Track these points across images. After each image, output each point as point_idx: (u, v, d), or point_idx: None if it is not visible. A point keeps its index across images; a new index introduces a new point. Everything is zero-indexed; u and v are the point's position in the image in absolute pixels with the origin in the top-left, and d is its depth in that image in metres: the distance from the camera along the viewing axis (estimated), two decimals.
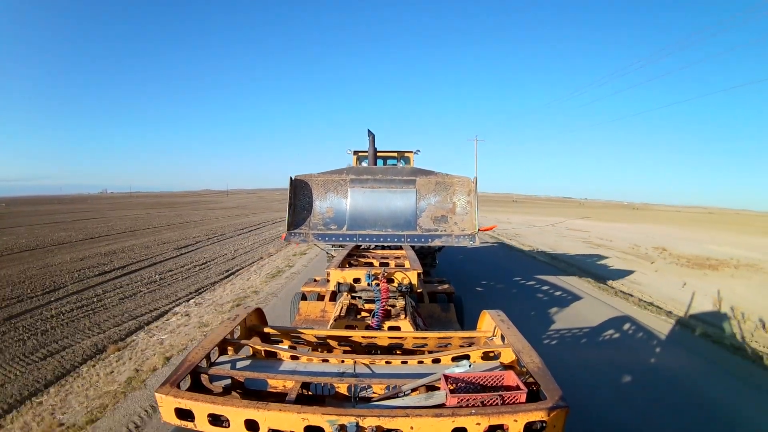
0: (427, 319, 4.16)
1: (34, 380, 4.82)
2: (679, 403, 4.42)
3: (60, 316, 7.32)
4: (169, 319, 7.22)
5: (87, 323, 6.92)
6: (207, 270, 11.62)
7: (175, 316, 7.41)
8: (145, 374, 4.97)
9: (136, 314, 7.41)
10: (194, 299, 8.52)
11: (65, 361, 5.39)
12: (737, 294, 9.95)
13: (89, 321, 7.04)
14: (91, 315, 7.39)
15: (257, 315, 2.92)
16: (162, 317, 7.35)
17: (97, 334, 6.42)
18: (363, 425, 1.54)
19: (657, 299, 8.93)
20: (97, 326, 6.77)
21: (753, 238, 24.31)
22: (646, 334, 6.61)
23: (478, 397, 1.68)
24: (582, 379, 4.85)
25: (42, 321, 7.04)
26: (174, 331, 6.61)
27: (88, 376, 4.97)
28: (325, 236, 5.35)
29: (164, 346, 5.91)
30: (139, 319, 7.12)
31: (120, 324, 6.89)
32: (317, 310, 4.56)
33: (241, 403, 1.69)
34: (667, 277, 11.70)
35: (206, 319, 7.09)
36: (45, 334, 6.37)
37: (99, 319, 7.12)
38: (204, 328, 6.60)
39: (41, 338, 6.22)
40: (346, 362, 2.24)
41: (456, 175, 5.56)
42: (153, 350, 5.76)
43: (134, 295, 8.82)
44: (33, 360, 5.40)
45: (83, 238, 19.40)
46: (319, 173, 5.61)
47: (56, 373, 5.02)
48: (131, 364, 5.29)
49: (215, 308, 7.80)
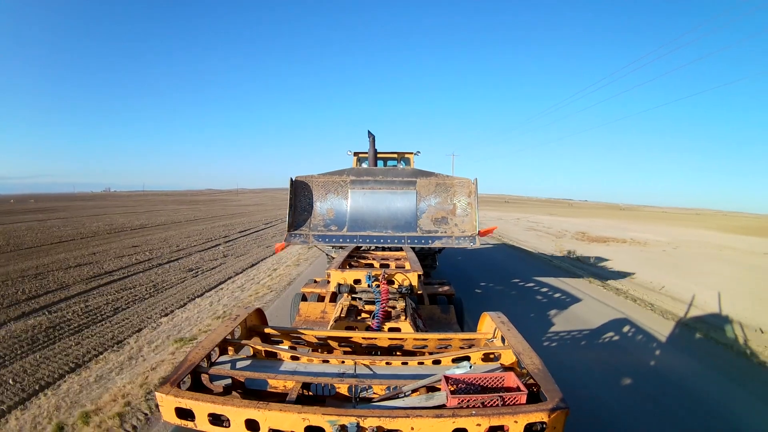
0: (427, 321, 4.16)
1: (206, 285, 9.82)
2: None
3: (205, 261, 13.08)
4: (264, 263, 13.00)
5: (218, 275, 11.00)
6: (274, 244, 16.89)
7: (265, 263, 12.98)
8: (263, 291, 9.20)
9: (237, 269, 11.77)
10: (271, 259, 13.54)
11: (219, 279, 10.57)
12: (588, 250, 16.15)
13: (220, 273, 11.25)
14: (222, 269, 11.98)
15: (257, 315, 2.92)
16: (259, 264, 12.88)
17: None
18: (364, 425, 1.54)
19: (529, 246, 17.47)
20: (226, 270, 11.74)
21: (677, 228, 31.34)
22: (505, 251, 16.32)
23: (479, 398, 1.68)
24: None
25: (199, 261, 13.05)
26: (267, 274, 11.19)
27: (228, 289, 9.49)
28: (326, 237, 5.35)
29: (261, 281, 10.22)
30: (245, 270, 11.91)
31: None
32: (317, 311, 4.56)
33: (242, 402, 1.69)
34: (547, 243, 18.83)
35: (281, 271, 11.33)
36: (198, 270, 11.56)
37: (225, 272, 11.40)
38: (290, 269, 11.51)
39: (200, 272, 11.31)
40: (346, 363, 2.24)
41: (456, 177, 5.57)
42: (259, 281, 10.28)
43: (242, 254, 14.45)
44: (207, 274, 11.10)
45: (166, 222, 27.76)
46: (319, 174, 5.62)
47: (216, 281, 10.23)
48: (251, 287, 9.70)
49: (290, 261, 12.81)
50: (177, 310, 7.72)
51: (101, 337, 6.30)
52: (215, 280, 10.27)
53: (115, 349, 5.83)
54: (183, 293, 8.93)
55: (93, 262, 12.30)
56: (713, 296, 9.12)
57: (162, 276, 10.62)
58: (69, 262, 12.11)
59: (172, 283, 9.82)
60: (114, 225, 24.31)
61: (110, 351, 5.78)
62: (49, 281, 9.78)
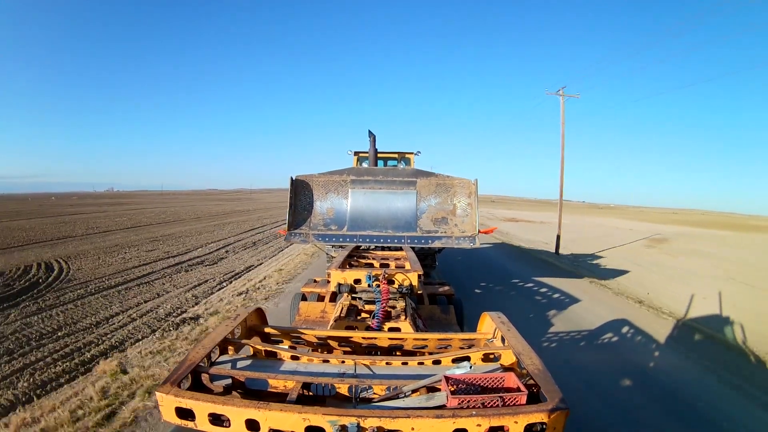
0: (426, 321, 4.15)
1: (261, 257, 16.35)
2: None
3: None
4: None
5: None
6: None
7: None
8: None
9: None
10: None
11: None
12: (500, 225, 27.27)
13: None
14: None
15: (258, 315, 2.92)
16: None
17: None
18: (364, 426, 1.54)
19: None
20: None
21: (594, 218, 43.29)
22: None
23: (479, 399, 1.68)
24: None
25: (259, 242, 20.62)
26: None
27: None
28: (326, 237, 5.34)
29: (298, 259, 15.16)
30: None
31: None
32: (317, 311, 4.55)
33: (242, 402, 1.68)
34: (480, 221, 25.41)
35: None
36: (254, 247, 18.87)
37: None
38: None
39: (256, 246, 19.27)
40: (346, 363, 2.24)
41: (457, 177, 5.56)
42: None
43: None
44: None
45: (229, 211, 38.42)
46: (319, 174, 5.61)
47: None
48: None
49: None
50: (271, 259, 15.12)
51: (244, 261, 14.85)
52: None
53: (251, 270, 13.04)
54: (275, 247, 17.76)
55: (208, 231, 24.10)
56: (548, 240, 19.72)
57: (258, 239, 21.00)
58: (191, 231, 23.41)
59: (266, 241, 19.81)
60: (197, 212, 35.53)
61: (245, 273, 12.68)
62: (191, 240, 19.85)
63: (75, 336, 6.93)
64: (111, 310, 8.42)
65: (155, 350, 5.95)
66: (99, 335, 6.94)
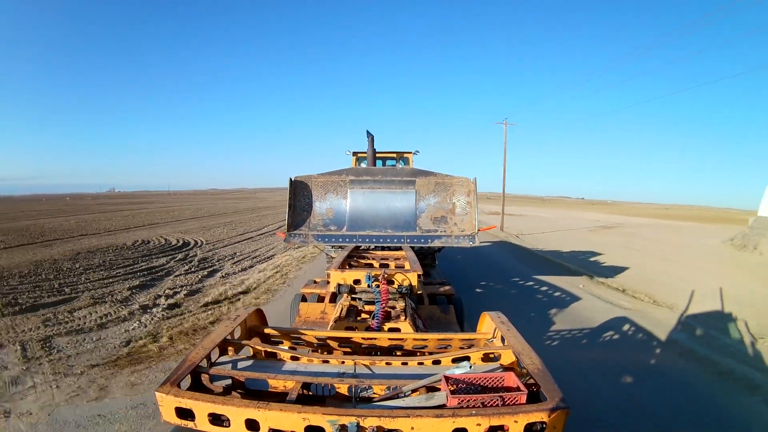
0: (426, 321, 4.15)
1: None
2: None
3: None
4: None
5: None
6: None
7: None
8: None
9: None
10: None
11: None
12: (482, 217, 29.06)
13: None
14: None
15: (257, 315, 2.91)
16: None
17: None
18: (364, 425, 1.54)
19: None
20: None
21: (574, 212, 49.30)
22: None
23: (479, 398, 1.68)
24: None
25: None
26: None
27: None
28: (325, 237, 5.34)
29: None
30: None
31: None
32: (317, 312, 4.55)
33: (242, 402, 1.68)
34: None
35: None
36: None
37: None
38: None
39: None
40: (346, 363, 2.24)
41: (456, 176, 5.55)
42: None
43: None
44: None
45: (249, 208, 44.08)
46: (318, 174, 5.60)
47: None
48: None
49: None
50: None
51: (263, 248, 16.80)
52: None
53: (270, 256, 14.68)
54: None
55: (255, 220, 28.50)
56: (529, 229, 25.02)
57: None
58: (243, 220, 27.75)
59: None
60: (227, 208, 39.93)
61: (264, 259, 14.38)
62: (253, 224, 25.24)
63: (243, 256, 13.78)
64: (251, 248, 15.80)
65: (284, 259, 12.95)
66: (254, 257, 13.78)
